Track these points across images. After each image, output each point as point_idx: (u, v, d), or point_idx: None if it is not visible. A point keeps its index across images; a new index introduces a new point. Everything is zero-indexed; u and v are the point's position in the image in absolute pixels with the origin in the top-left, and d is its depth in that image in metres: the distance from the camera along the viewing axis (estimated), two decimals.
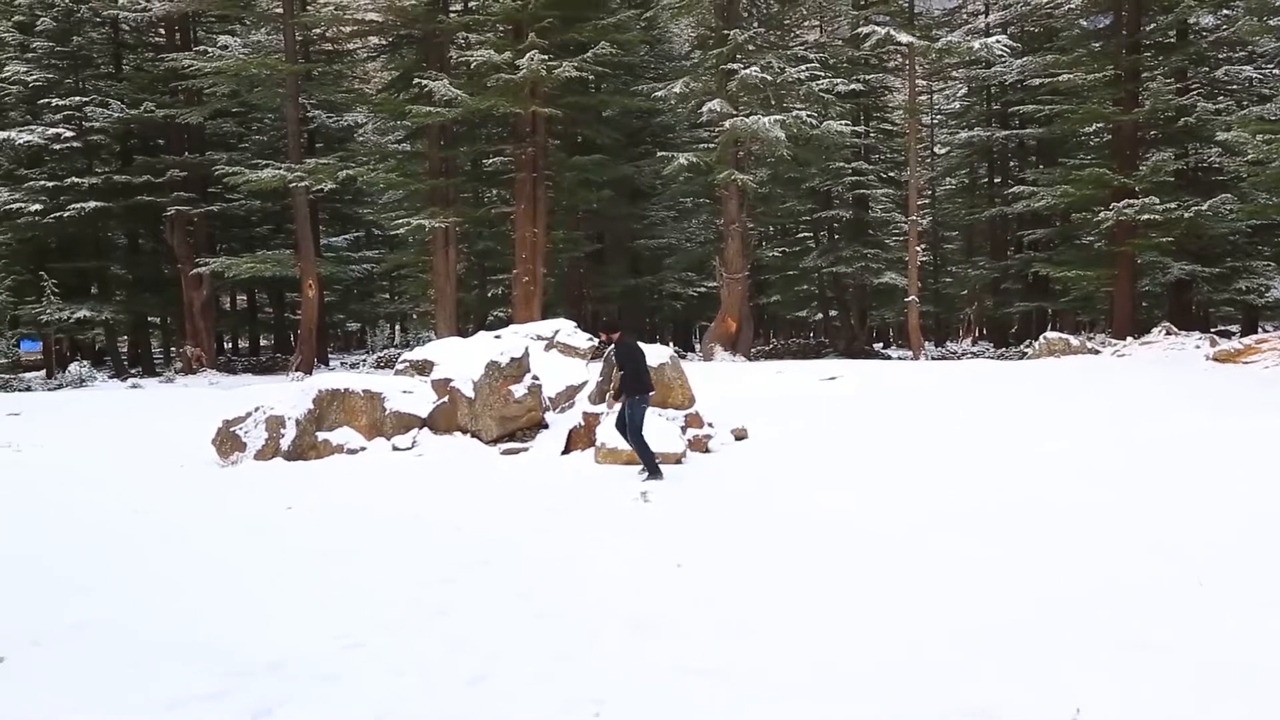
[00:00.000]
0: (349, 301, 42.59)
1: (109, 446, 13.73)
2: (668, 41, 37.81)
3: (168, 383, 28.87)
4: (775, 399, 16.20)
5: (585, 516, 8.17)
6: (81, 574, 6.59)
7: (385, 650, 4.91)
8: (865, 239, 35.54)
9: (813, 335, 48.29)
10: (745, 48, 27.81)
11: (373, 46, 34.63)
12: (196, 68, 28.15)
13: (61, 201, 31.06)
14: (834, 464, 10.47)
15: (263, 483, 10.42)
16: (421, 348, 14.63)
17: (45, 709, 4.24)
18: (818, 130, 27.34)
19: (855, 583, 5.93)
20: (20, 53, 33.13)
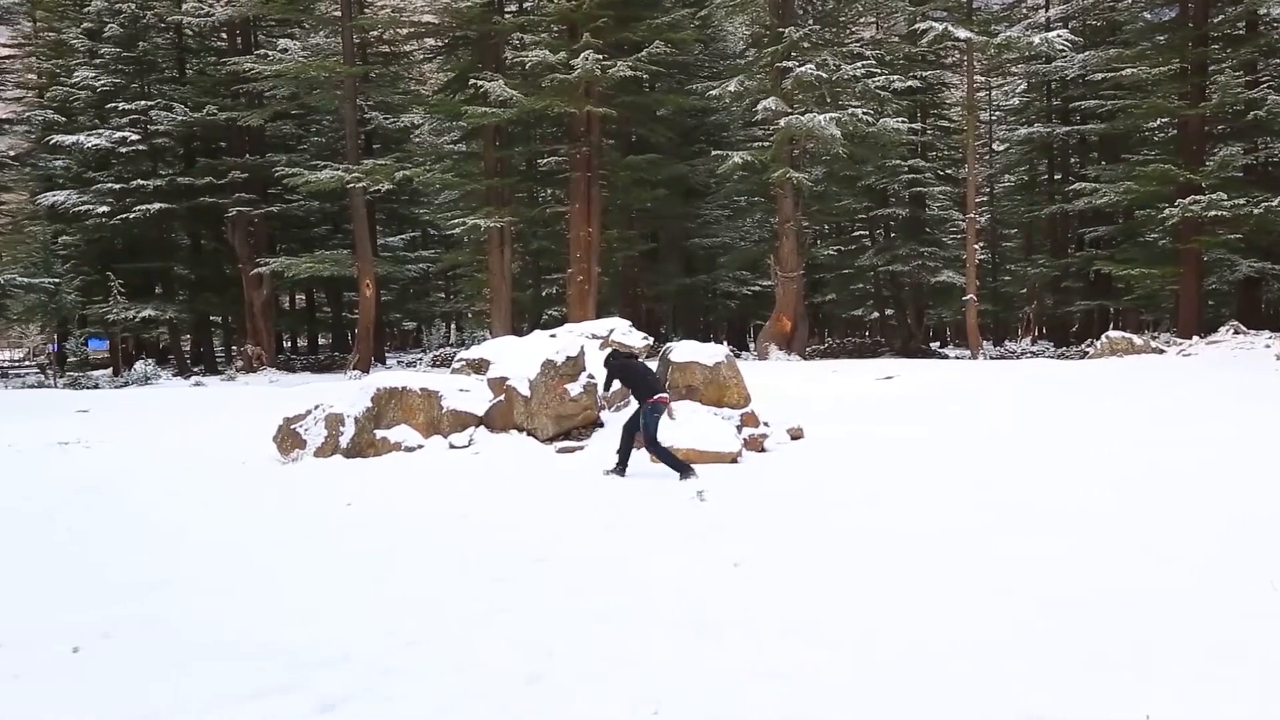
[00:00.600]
0: (405, 300, 43.05)
1: (174, 443, 13.99)
2: (722, 40, 37.70)
3: (229, 381, 29.39)
4: (831, 398, 16.08)
5: (641, 515, 8.14)
6: (149, 569, 6.70)
7: (445, 647, 4.93)
8: (922, 237, 35.13)
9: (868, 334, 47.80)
10: (800, 45, 27.63)
11: (429, 48, 35.00)
12: (257, 71, 28.62)
13: (128, 203, 31.79)
14: (891, 464, 10.34)
15: (323, 480, 10.55)
16: (477, 346, 14.72)
17: (118, 700, 4.31)
18: (874, 128, 27.08)
19: (915, 585, 5.83)
20: (89, 58, 33.97)
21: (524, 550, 6.93)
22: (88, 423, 16.73)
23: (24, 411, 18.51)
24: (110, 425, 16.26)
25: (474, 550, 7.00)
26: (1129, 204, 29.40)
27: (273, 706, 4.24)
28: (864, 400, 16.00)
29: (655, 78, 30.40)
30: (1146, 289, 31.75)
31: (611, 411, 12.48)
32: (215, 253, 36.86)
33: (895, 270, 34.58)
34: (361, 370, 28.10)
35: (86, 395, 22.18)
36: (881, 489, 9.00)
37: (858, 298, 40.95)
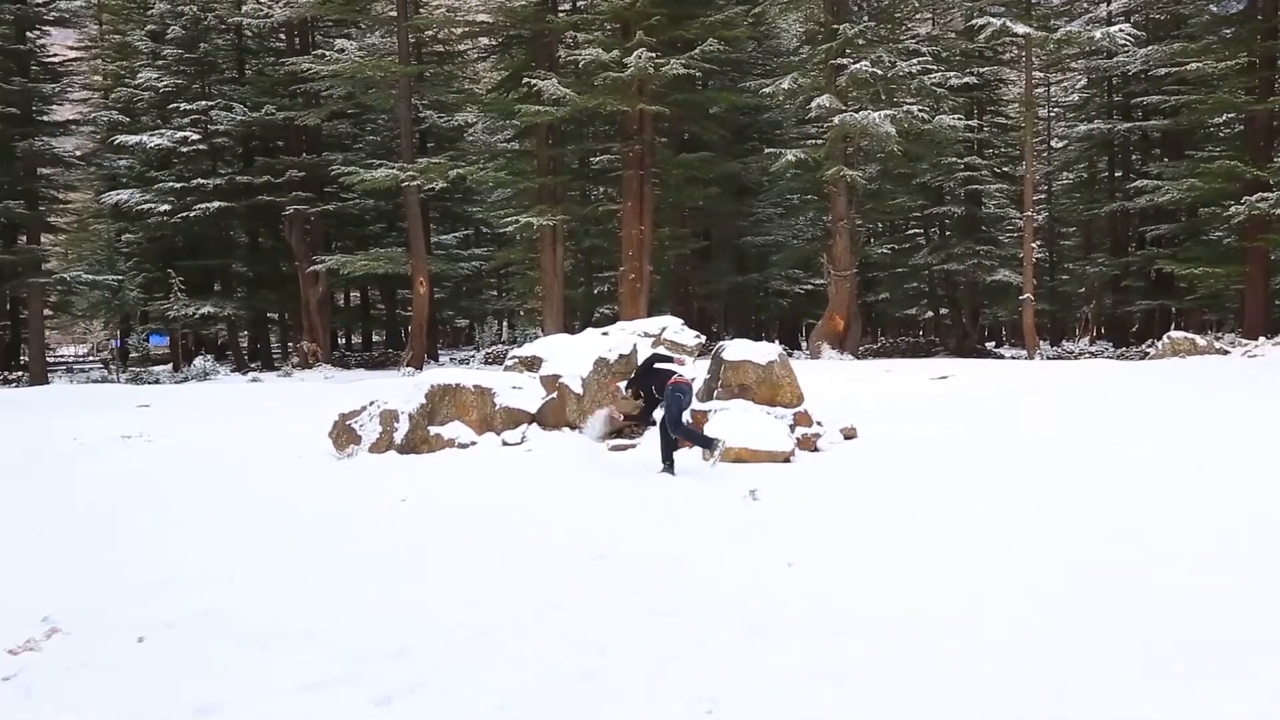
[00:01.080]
0: (458, 298, 43.38)
1: (232, 438, 14.20)
2: (775, 37, 37.52)
3: (285, 377, 29.80)
4: (884, 398, 15.91)
5: (695, 514, 8.10)
6: (208, 561, 6.81)
7: (500, 642, 4.95)
8: (978, 235, 34.67)
9: (922, 334, 47.34)
10: (855, 42, 27.40)
11: (483, 47, 35.23)
12: (314, 71, 28.98)
13: (188, 202, 32.38)
14: (947, 464, 10.20)
15: (377, 475, 10.62)
16: (530, 344, 14.75)
17: (182, 689, 4.38)
18: (929, 125, 26.78)
19: (974, 587, 5.73)
20: (152, 60, 34.68)
21: (577, 547, 6.92)
22: (149, 417, 17.04)
23: (89, 406, 18.91)
24: (170, 420, 16.54)
25: (527, 547, 7.01)
26: (1193, 201, 28.79)
27: (331, 698, 4.28)
28: (918, 400, 15.80)
29: (708, 75, 30.31)
30: (1210, 288, 31.04)
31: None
32: (272, 250, 37.41)
33: (950, 269, 34.17)
34: (415, 367, 28.35)
35: (148, 390, 22.59)
36: (937, 490, 8.87)
37: (911, 297, 40.53)
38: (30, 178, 32.21)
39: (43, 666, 4.69)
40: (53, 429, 15.38)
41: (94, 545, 7.46)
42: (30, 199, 31.98)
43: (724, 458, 10.69)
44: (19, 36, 31.25)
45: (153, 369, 31.03)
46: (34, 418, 16.92)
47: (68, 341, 65.44)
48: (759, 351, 12.10)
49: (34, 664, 4.72)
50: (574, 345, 13.34)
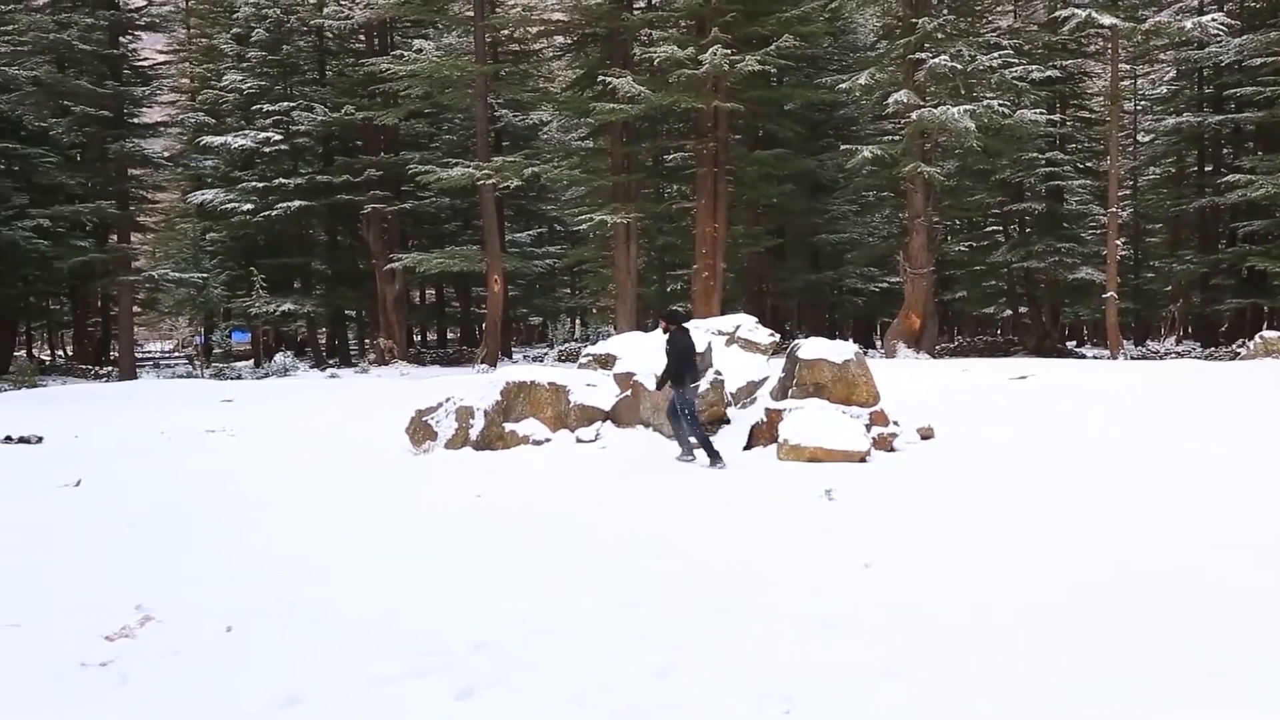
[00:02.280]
0: (531, 296, 43.70)
1: (312, 432, 14.47)
2: (852, 32, 37.12)
3: (362, 373, 30.30)
4: (961, 398, 15.63)
5: (769, 513, 8.05)
6: (289, 553, 6.95)
7: (575, 638, 4.98)
8: (1059, 232, 33.90)
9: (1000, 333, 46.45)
10: (934, 36, 27.00)
11: (558, 46, 35.44)
12: (393, 71, 29.41)
13: (270, 201, 33.09)
14: (1026, 466, 9.99)
15: (453, 471, 10.74)
16: (604, 342, 14.79)
17: (269, 677, 4.49)
18: (1010, 120, 26.27)
19: (1052, 593, 5.61)
20: (237, 63, 35.51)
21: (652, 545, 6.92)
22: (232, 412, 17.44)
23: (175, 400, 19.43)
24: (252, 415, 16.91)
25: (602, 544, 7.03)
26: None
27: (412, 689, 4.35)
28: (996, 400, 15.49)
29: (783, 71, 30.11)
30: None
31: (738, 409, 12.39)
32: (350, 249, 38.08)
33: (1030, 267, 33.46)
34: (489, 364, 28.63)
35: (230, 385, 23.13)
36: (1016, 492, 8.71)
37: (989, 295, 39.76)
38: (121, 178, 33.23)
39: (137, 653, 4.83)
40: (141, 423, 15.83)
41: (182, 536, 7.66)
42: (121, 199, 32.99)
43: (799, 456, 10.62)
44: (112, 41, 32.24)
45: (235, 365, 31.78)
46: (124, 411, 17.44)
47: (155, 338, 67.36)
48: (834, 350, 11.97)
49: (129, 651, 4.86)
50: (648, 343, 13.34)
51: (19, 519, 8.37)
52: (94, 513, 8.64)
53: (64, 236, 34.62)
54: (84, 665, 4.66)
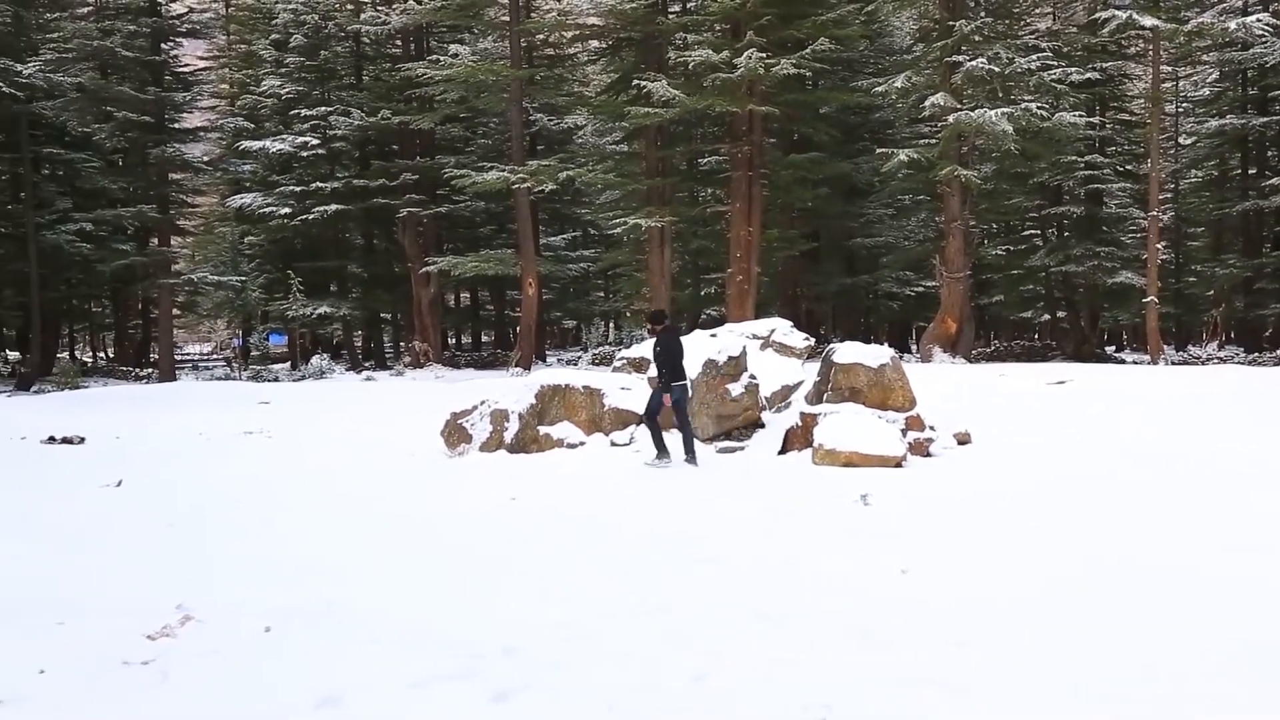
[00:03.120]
0: (566, 299, 43.80)
1: (348, 434, 14.59)
2: (888, 35, 36.89)
3: (398, 375, 30.49)
4: (998, 403, 15.47)
5: (805, 517, 8.01)
6: (325, 554, 7.00)
7: (610, 642, 4.97)
8: (1098, 236, 33.50)
9: (1037, 337, 45.98)
10: (971, 39, 26.78)
11: (593, 50, 35.51)
12: (429, 76, 29.61)
13: (307, 205, 33.41)
14: (1065, 472, 9.88)
15: (488, 474, 10.78)
16: (638, 345, 14.81)
17: (307, 677, 4.52)
18: (1048, 122, 26.01)
19: (1094, 600, 5.53)
20: (275, 68, 35.89)
21: (687, 549, 6.91)
22: (269, 414, 17.61)
23: (213, 402, 19.66)
24: (289, 417, 17.07)
25: (637, 548, 7.03)
26: None
27: (448, 692, 4.36)
28: (1034, 405, 15.31)
29: (819, 75, 30.01)
30: None
31: (773, 413, 12.34)
32: (386, 252, 38.34)
33: (1068, 271, 33.09)
34: (523, 367, 28.71)
35: (268, 388, 23.35)
36: (1056, 497, 8.62)
37: (1027, 299, 39.37)
38: (162, 183, 33.69)
39: (178, 652, 4.88)
40: (180, 424, 16.03)
41: (220, 536, 7.73)
42: (162, 203, 33.44)
43: (834, 461, 10.57)
44: (154, 48, 32.71)
45: (272, 367, 32.09)
46: (163, 413, 17.66)
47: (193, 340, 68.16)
48: (870, 354, 11.91)
49: (170, 649, 4.91)
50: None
51: (62, 518, 8.49)
52: (134, 513, 8.75)
53: (106, 240, 35.18)
54: (126, 663, 4.71)
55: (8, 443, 13.74)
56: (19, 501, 9.45)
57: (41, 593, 5.93)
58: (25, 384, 28.50)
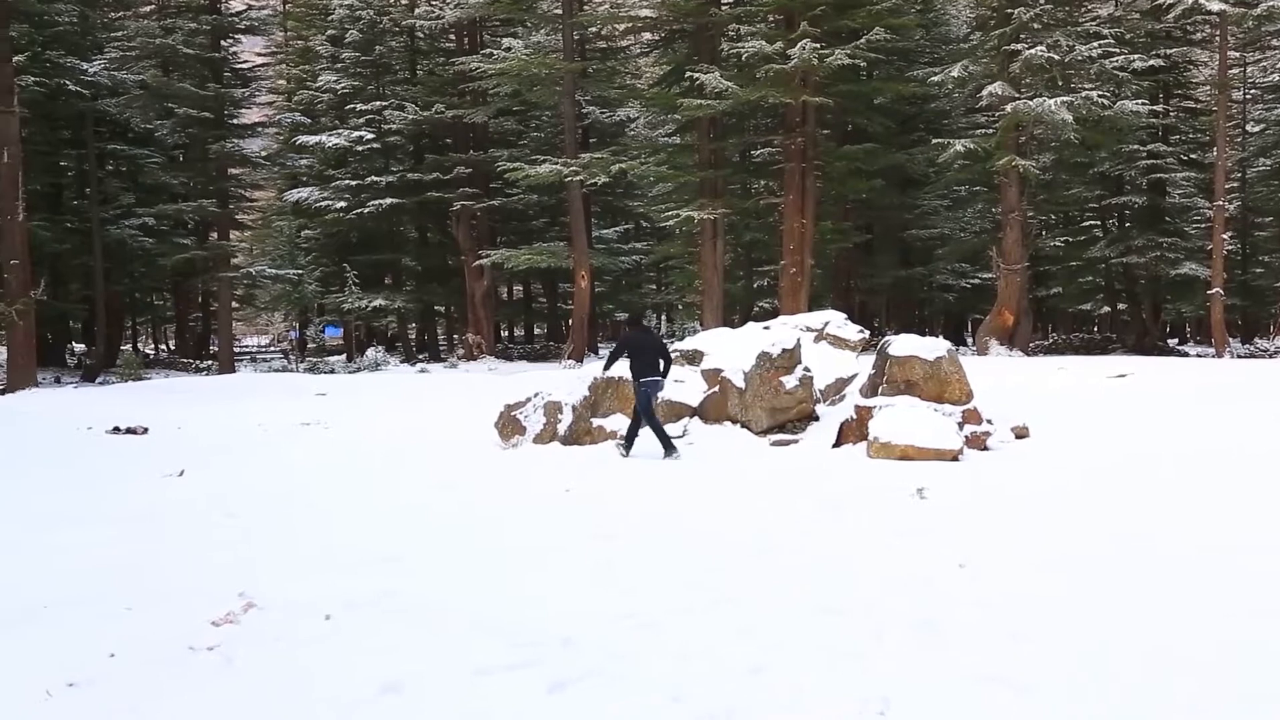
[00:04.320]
0: (618, 292, 43.84)
1: (402, 426, 14.74)
2: (944, 24, 36.38)
3: (451, 368, 30.76)
4: (1057, 396, 15.28)
5: (861, 511, 7.94)
6: (382, 543, 7.08)
7: (667, 634, 4.96)
8: (1161, 227, 32.82)
9: (1097, 330, 45.18)
10: (1030, 26, 26.35)
11: (645, 42, 35.50)
12: (483, 70, 29.77)
13: (362, 198, 33.80)
14: (1126, 467, 9.70)
15: (542, 466, 10.84)
16: (692, 338, 14.77)
17: (368, 665, 4.57)
18: (1110, 111, 25.52)
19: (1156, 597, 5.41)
20: (331, 63, 36.33)
21: (743, 542, 6.89)
22: (325, 405, 17.85)
23: (271, 393, 19.96)
24: (345, 408, 17.29)
25: (692, 540, 7.02)
26: None
27: (506, 682, 4.38)
28: (1094, 399, 15.10)
29: (873, 65, 29.66)
30: None
31: (827, 406, 12.25)
32: (440, 245, 38.64)
33: (1130, 262, 32.46)
34: (576, 360, 28.80)
35: (324, 379, 23.65)
36: (1117, 492, 8.46)
37: (1086, 291, 38.66)
38: (221, 178, 34.23)
39: (241, 638, 4.96)
40: (239, 415, 16.31)
41: (279, 525, 7.86)
42: (221, 198, 33.98)
43: (889, 454, 10.47)
44: (214, 45, 33.22)
45: (328, 359, 32.50)
46: (223, 404, 17.98)
47: (251, 332, 69.20)
48: (926, 347, 11.77)
49: (233, 636, 5.00)
50: (735, 339, 13.29)
51: (127, 507, 8.69)
52: (196, 502, 8.93)
53: (167, 234, 35.90)
54: (192, 649, 4.80)
55: (75, 433, 14.07)
56: (87, 490, 9.69)
57: (110, 579, 6.07)
58: (91, 375, 29.17)
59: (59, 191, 35.10)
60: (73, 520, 8.07)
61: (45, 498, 9.30)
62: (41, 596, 5.66)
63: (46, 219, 30.37)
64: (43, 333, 30.35)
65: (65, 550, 6.92)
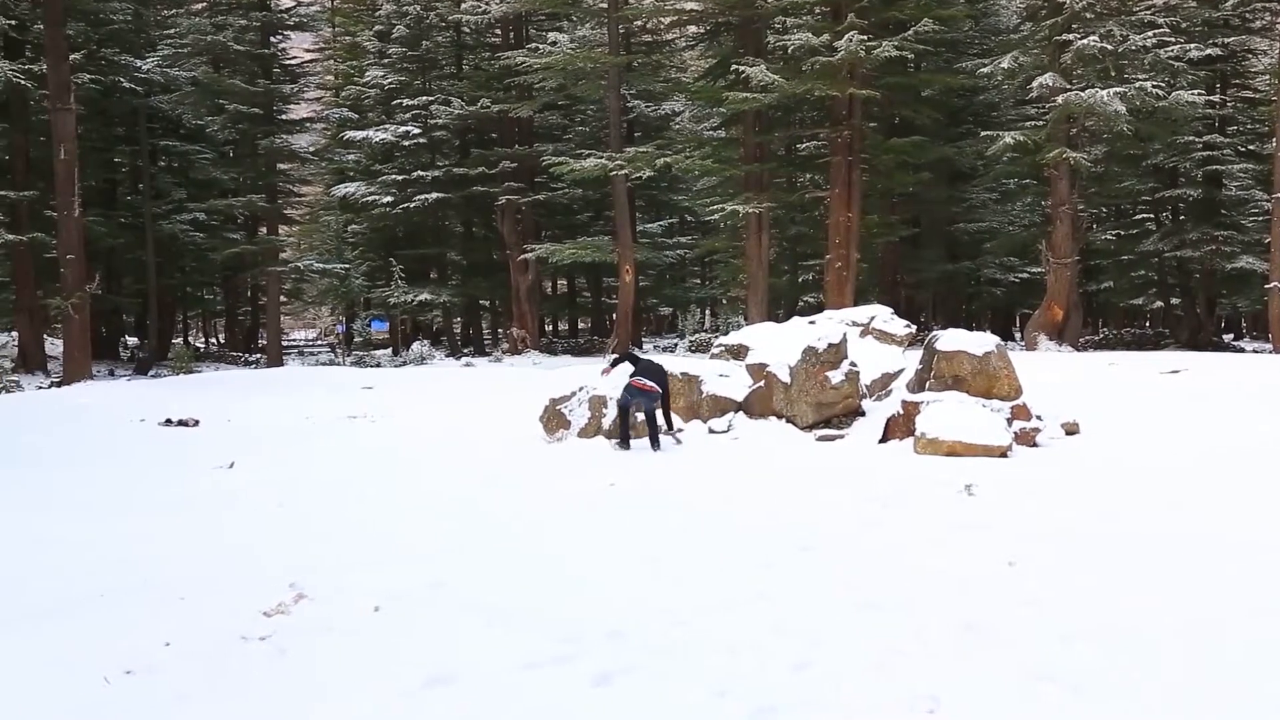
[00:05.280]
0: (662, 286, 43.85)
1: (448, 419, 14.82)
2: (994, 14, 35.87)
3: (496, 362, 30.92)
4: (1108, 393, 15.01)
5: (907, 507, 7.88)
6: (428, 536, 7.14)
7: (712, 629, 4.96)
8: (1217, 219, 32.12)
9: (1149, 325, 44.41)
10: (1083, 16, 25.89)
11: (690, 35, 35.39)
12: (528, 64, 29.87)
13: (408, 193, 34.09)
14: (1180, 465, 9.53)
15: (586, 460, 10.87)
16: (736, 332, 14.73)
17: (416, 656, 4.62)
18: (1164, 102, 25.03)
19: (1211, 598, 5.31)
20: (378, 59, 36.65)
21: (788, 537, 6.85)
22: (372, 399, 17.99)
23: (318, 387, 20.16)
24: (391, 402, 17.41)
25: (736, 535, 7.00)
26: None
27: (552, 674, 4.41)
28: (1146, 395, 14.82)
29: (921, 57, 29.37)
30: None
31: (873, 401, 12.17)
32: (485, 239, 38.85)
33: (1184, 256, 31.80)
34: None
35: (370, 373, 23.86)
36: (1170, 491, 8.30)
37: (1138, 286, 37.97)
38: (270, 173, 34.68)
39: (292, 629, 5.04)
40: (287, 407, 16.49)
41: (328, 517, 7.95)
42: (270, 193, 34.44)
43: (936, 450, 10.37)
44: (264, 41, 33.65)
45: (374, 353, 32.79)
46: (271, 397, 18.18)
47: (298, 326, 70.07)
48: (974, 342, 11.64)
49: (285, 626, 5.08)
50: (781, 334, 13.24)
51: (180, 498, 8.84)
52: (246, 493, 9.06)
53: (217, 229, 36.47)
54: (245, 639, 4.88)
55: (129, 425, 14.32)
56: (141, 481, 9.87)
57: (163, 568, 6.19)
58: (143, 368, 29.70)
59: (113, 187, 35.78)
60: (127, 510, 8.23)
61: (101, 488, 9.48)
62: (98, 584, 5.79)
63: (101, 214, 30.97)
64: (97, 326, 30.99)
65: (120, 539, 7.06)
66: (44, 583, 5.89)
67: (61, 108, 24.56)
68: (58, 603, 5.47)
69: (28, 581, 5.92)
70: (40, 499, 8.89)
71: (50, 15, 24.85)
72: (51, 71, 24.67)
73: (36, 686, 4.33)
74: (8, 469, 10.56)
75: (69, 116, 24.77)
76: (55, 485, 9.67)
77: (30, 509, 8.35)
